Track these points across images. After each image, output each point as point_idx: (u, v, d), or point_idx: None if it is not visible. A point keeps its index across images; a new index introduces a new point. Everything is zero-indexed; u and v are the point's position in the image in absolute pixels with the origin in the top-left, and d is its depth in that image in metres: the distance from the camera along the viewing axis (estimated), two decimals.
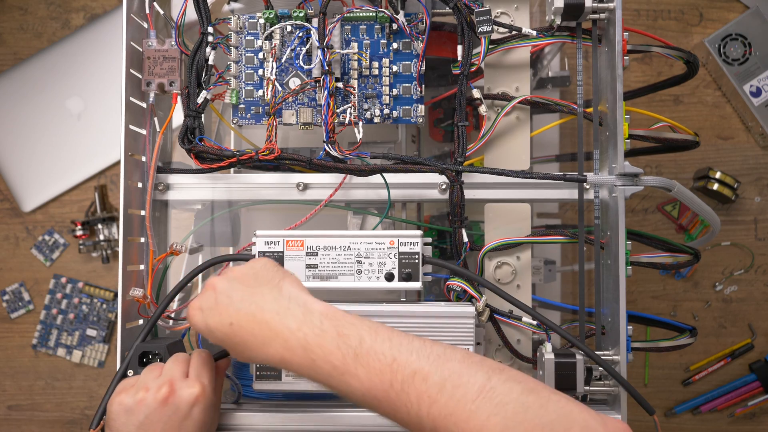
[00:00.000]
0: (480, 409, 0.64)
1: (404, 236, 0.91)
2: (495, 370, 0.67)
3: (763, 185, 1.58)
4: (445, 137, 1.24)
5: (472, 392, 0.65)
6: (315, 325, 0.72)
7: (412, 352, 0.69)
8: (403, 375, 0.67)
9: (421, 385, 0.67)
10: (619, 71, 0.90)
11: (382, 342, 0.70)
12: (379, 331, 0.71)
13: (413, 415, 0.67)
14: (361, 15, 0.96)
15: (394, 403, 0.68)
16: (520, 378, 0.67)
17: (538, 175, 0.94)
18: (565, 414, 0.65)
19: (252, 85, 0.99)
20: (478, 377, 0.66)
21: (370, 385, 0.68)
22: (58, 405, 1.67)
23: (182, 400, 0.80)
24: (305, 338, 0.71)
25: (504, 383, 0.66)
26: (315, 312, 0.73)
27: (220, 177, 0.99)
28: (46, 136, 1.66)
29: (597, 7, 0.92)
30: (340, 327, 0.71)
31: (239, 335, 0.74)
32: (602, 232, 0.96)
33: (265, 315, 0.74)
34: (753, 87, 1.53)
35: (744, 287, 1.58)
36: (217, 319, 0.76)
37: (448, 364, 0.68)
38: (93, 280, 1.67)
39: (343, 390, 0.70)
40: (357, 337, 0.70)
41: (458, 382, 0.66)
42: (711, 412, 1.58)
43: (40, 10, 1.70)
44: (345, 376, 0.69)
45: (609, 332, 0.94)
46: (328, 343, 0.70)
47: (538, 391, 0.66)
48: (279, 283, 0.77)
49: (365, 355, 0.69)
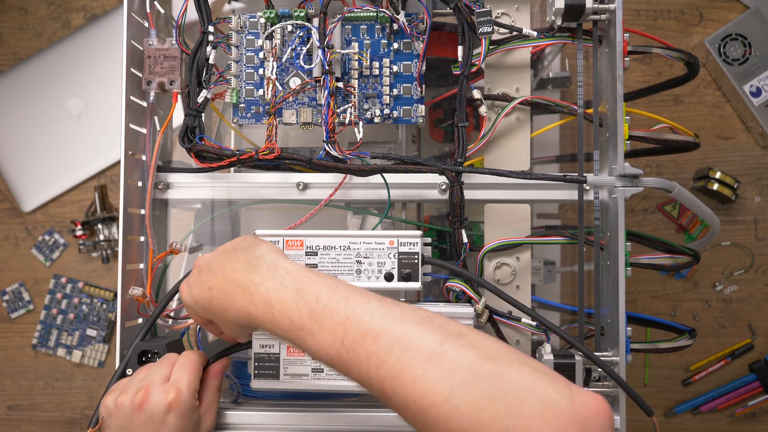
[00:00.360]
0: (426, 374, 0.62)
1: (404, 236, 0.91)
2: (453, 335, 0.65)
3: (763, 185, 1.58)
4: (445, 137, 1.24)
5: (421, 356, 0.63)
6: (277, 281, 0.73)
7: (366, 311, 0.68)
8: (354, 334, 0.67)
9: (371, 345, 0.66)
10: (620, 72, 0.90)
11: (338, 300, 0.69)
12: (338, 290, 0.71)
13: (363, 374, 0.66)
14: (361, 15, 0.96)
15: (345, 361, 0.67)
16: (481, 345, 0.65)
17: (538, 176, 0.94)
18: (522, 386, 0.61)
19: (252, 85, 0.99)
20: (431, 341, 0.64)
21: (323, 342, 0.68)
22: (58, 405, 1.67)
23: (156, 406, 0.80)
24: (267, 292, 0.72)
25: (458, 349, 0.63)
26: (279, 268, 0.74)
27: (220, 176, 0.99)
28: (46, 136, 1.66)
29: (598, 8, 0.92)
30: (300, 283, 0.72)
31: (216, 297, 0.76)
32: (602, 233, 0.96)
33: (236, 274, 0.75)
34: (753, 87, 1.53)
35: (744, 287, 1.58)
36: (200, 287, 0.79)
37: (402, 325, 0.66)
38: (93, 280, 1.67)
39: (301, 346, 0.71)
40: (314, 294, 0.70)
41: (408, 344, 0.64)
42: (711, 412, 1.58)
43: (40, 10, 1.70)
44: (301, 332, 0.70)
45: (608, 333, 0.94)
46: (287, 298, 0.71)
47: (497, 360, 0.63)
48: (254, 248, 0.78)
49: (320, 312, 0.69)
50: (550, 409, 0.59)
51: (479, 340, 0.65)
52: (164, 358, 0.86)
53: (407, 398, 0.63)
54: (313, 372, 0.89)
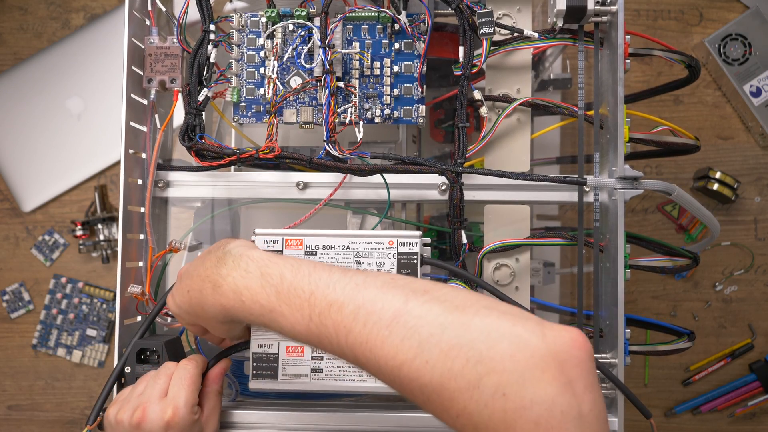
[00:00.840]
0: (393, 334, 0.62)
1: (403, 236, 0.90)
2: (416, 293, 0.65)
3: (763, 185, 1.58)
4: (445, 138, 1.24)
5: (386, 318, 0.63)
6: (242, 269, 0.74)
7: (329, 284, 0.68)
8: (320, 308, 0.67)
9: (336, 315, 0.66)
10: (621, 74, 0.90)
11: (302, 278, 0.70)
12: (301, 268, 0.72)
13: (335, 345, 0.67)
14: (363, 15, 0.96)
15: (315, 335, 0.68)
16: (446, 297, 0.64)
17: (538, 177, 0.93)
18: (490, 330, 0.60)
19: (253, 84, 0.99)
20: (394, 302, 0.64)
21: (293, 320, 0.69)
22: (58, 405, 1.67)
23: (153, 424, 0.80)
24: (234, 282, 0.73)
25: (423, 305, 0.63)
26: (244, 257, 0.75)
27: (220, 175, 0.99)
28: (46, 136, 1.66)
29: (599, 10, 0.92)
30: (263, 267, 0.73)
31: (193, 297, 0.77)
32: (601, 235, 0.96)
33: (206, 272, 0.76)
34: (753, 87, 1.53)
35: (744, 287, 1.58)
36: (180, 293, 0.80)
37: (365, 291, 0.66)
38: (93, 280, 1.67)
39: (275, 328, 0.71)
40: (278, 275, 0.71)
41: (372, 308, 0.65)
42: (711, 412, 1.58)
43: (40, 10, 1.70)
44: (273, 314, 0.70)
45: (607, 335, 0.94)
46: (253, 283, 0.72)
47: (464, 309, 0.62)
48: (224, 246, 0.79)
49: (286, 292, 0.70)
50: (521, 349, 0.58)
51: (445, 293, 0.65)
52: (162, 369, 0.86)
53: (379, 361, 0.63)
54: (312, 372, 0.89)
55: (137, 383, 0.85)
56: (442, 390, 0.59)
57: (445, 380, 0.59)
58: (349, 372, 0.87)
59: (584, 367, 0.59)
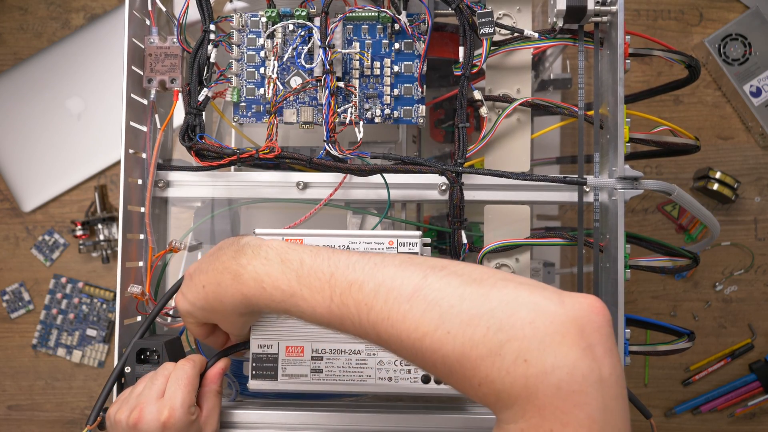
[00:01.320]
0: (414, 308, 0.63)
1: (403, 236, 0.90)
2: (434, 268, 0.66)
3: (763, 185, 1.58)
4: (445, 138, 1.24)
5: (407, 293, 0.64)
6: (262, 257, 0.74)
7: (349, 265, 0.69)
8: (341, 288, 0.68)
9: (357, 294, 0.67)
10: (621, 75, 0.90)
11: (321, 261, 0.71)
12: (321, 252, 0.73)
13: (357, 324, 0.67)
14: (363, 15, 0.96)
15: (337, 316, 0.69)
16: (464, 271, 0.65)
17: (537, 178, 0.93)
18: (510, 299, 0.61)
19: (253, 84, 0.99)
20: (414, 277, 0.65)
21: (314, 303, 0.70)
22: (58, 405, 1.67)
23: (150, 426, 0.80)
24: (254, 270, 0.74)
25: (441, 279, 0.64)
26: (263, 246, 0.75)
27: (220, 175, 0.99)
28: (46, 136, 1.66)
29: (599, 10, 0.92)
30: (283, 254, 0.74)
31: (211, 292, 0.77)
32: (601, 235, 0.96)
33: (224, 264, 0.76)
34: (753, 87, 1.53)
35: (744, 287, 1.58)
36: (193, 290, 0.80)
37: (384, 269, 0.67)
38: (93, 280, 1.67)
39: (296, 313, 0.72)
40: (298, 260, 0.72)
41: (392, 285, 0.66)
42: (711, 412, 1.58)
43: (40, 10, 1.70)
44: (294, 299, 0.71)
45: None
46: (273, 270, 0.73)
47: (482, 281, 0.63)
48: (239, 240, 0.79)
49: (306, 275, 0.71)
50: (541, 315, 0.59)
51: (462, 267, 0.66)
52: (161, 370, 0.86)
53: (401, 336, 0.64)
54: (312, 373, 0.89)
55: (137, 384, 0.85)
56: (463, 359, 0.60)
57: (466, 349, 0.60)
58: (348, 372, 0.87)
59: (603, 332, 0.60)
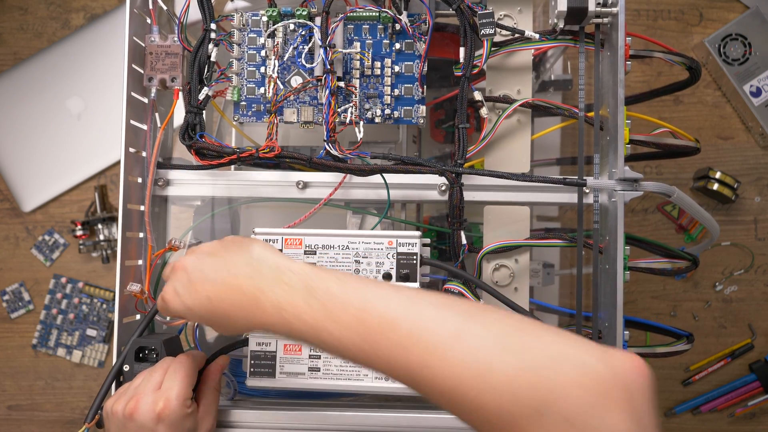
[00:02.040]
0: (454, 356, 0.60)
1: (403, 237, 0.91)
2: (474, 314, 0.63)
3: (763, 185, 1.58)
4: (446, 138, 1.24)
5: (446, 338, 0.61)
6: (284, 282, 0.69)
7: (381, 299, 0.65)
8: (372, 325, 0.64)
9: (392, 334, 0.63)
10: (621, 76, 0.90)
11: (350, 291, 0.67)
12: (348, 281, 0.68)
13: (388, 365, 0.64)
14: (364, 15, 0.96)
15: (367, 354, 0.64)
16: (502, 318, 0.63)
17: (537, 179, 0.93)
18: (554, 354, 0.59)
19: (254, 83, 0.99)
20: (454, 322, 0.62)
21: (342, 338, 0.65)
22: (58, 405, 1.67)
23: (145, 416, 0.80)
24: (276, 297, 0.69)
25: (483, 326, 0.62)
26: (284, 269, 0.71)
27: (220, 174, 0.99)
28: (46, 136, 1.66)
29: (600, 11, 0.92)
30: (308, 281, 0.69)
31: (219, 307, 0.72)
32: (601, 237, 0.96)
33: (238, 281, 0.72)
34: (753, 87, 1.53)
35: (744, 287, 1.58)
36: (195, 297, 0.74)
37: (421, 309, 0.64)
38: (93, 280, 1.67)
39: (318, 345, 0.68)
40: (324, 290, 0.68)
41: (431, 328, 0.62)
42: (711, 412, 1.57)
43: (40, 10, 1.70)
44: (317, 332, 0.67)
45: (606, 337, 0.94)
46: (297, 299, 0.68)
47: (524, 331, 0.61)
48: (249, 248, 0.75)
49: (333, 308, 0.66)
50: (587, 375, 0.57)
51: (499, 314, 0.64)
52: (159, 364, 0.86)
53: (437, 382, 0.61)
54: (310, 371, 0.89)
55: (135, 377, 0.86)
56: (506, 415, 0.58)
57: (510, 405, 0.57)
58: (346, 371, 0.87)
59: (647, 396, 0.59)
